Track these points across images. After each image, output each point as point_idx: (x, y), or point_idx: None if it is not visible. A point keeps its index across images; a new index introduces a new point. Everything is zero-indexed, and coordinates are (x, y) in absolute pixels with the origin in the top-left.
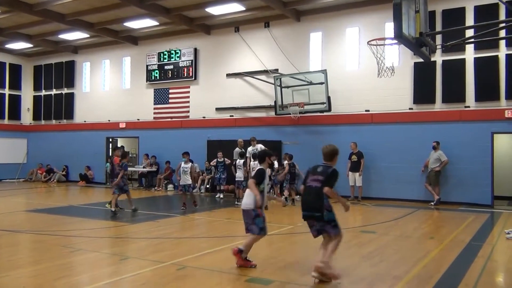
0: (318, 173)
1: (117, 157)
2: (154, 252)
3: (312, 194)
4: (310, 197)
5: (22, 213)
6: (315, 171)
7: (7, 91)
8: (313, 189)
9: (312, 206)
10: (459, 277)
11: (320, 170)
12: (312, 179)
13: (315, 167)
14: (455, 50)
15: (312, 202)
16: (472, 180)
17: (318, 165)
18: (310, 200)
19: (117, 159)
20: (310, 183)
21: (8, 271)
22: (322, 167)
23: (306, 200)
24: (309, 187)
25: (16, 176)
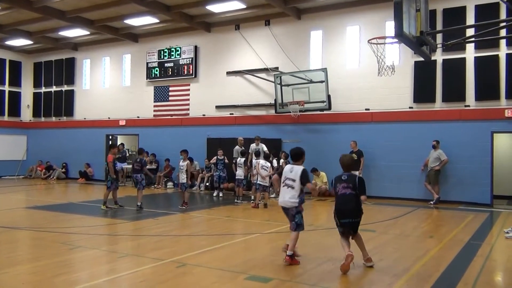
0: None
1: (112, 155)
2: (153, 250)
3: (348, 201)
4: (348, 204)
5: (21, 210)
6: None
7: (7, 88)
8: (347, 196)
9: (353, 213)
10: (458, 276)
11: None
12: (343, 186)
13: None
14: (456, 49)
15: (351, 209)
16: (471, 179)
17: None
18: (349, 208)
19: (111, 157)
20: (343, 191)
21: (7, 267)
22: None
23: (345, 208)
24: (343, 195)
25: (16, 173)
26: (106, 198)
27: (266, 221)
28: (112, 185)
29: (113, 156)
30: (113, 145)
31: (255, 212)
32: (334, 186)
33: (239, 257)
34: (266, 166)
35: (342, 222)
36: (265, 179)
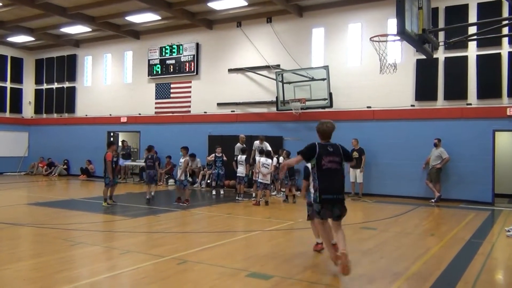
0: (332, 153)
1: (111, 153)
2: (154, 247)
3: (338, 177)
4: (337, 182)
5: (23, 206)
6: (328, 150)
7: (8, 84)
8: (336, 172)
9: (340, 189)
10: (459, 274)
11: (332, 149)
12: (328, 160)
13: (324, 146)
14: (458, 47)
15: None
16: (473, 177)
17: (326, 144)
18: (339, 185)
19: (110, 155)
20: (328, 165)
21: (9, 264)
22: (332, 145)
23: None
24: (329, 169)
25: (17, 169)
26: (105, 195)
27: (267, 218)
28: (110, 182)
29: (112, 154)
30: (112, 142)
31: (256, 210)
32: (318, 158)
33: (240, 254)
34: (267, 164)
35: (329, 198)
36: (266, 177)
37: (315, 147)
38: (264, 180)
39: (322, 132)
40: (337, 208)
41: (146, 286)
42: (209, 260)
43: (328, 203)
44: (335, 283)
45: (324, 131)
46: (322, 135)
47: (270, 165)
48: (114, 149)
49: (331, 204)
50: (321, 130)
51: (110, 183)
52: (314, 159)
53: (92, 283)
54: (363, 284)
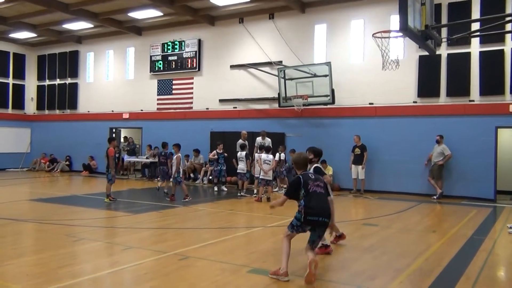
0: (316, 179)
1: (113, 148)
2: (156, 242)
3: (324, 200)
4: (324, 203)
5: (25, 202)
6: (310, 177)
7: (10, 81)
8: (322, 195)
9: (328, 213)
10: (461, 271)
11: (315, 176)
12: (315, 184)
13: (307, 174)
14: (461, 44)
15: (327, 208)
16: (475, 174)
17: (307, 172)
18: (326, 207)
19: (112, 151)
20: (315, 189)
21: (12, 259)
22: (312, 174)
23: (322, 206)
24: (316, 192)
25: (20, 165)
26: (108, 191)
27: (269, 214)
28: (113, 178)
29: (114, 149)
30: (113, 138)
31: (258, 206)
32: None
33: (242, 251)
34: (268, 160)
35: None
36: (267, 173)
37: (299, 179)
38: (266, 177)
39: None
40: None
41: (148, 281)
42: (211, 256)
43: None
44: (337, 279)
45: (302, 160)
46: (299, 165)
47: (271, 161)
48: (115, 145)
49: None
50: (298, 160)
51: (114, 179)
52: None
53: (95, 279)
54: (365, 280)
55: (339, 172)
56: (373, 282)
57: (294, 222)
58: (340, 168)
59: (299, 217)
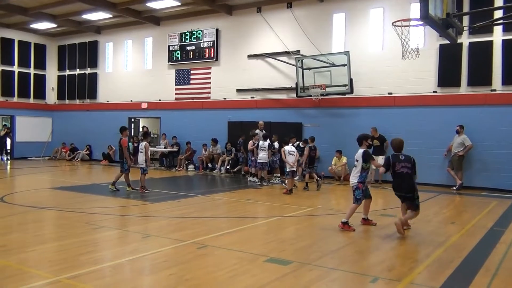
0: (404, 161)
1: (125, 138)
2: (175, 231)
3: (407, 179)
4: (404, 182)
5: (47, 190)
6: (399, 159)
7: (32, 71)
8: (405, 175)
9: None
10: (480, 262)
11: (404, 158)
12: (401, 166)
13: (397, 156)
14: (483, 32)
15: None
16: (496, 165)
17: (398, 154)
18: (406, 184)
19: (125, 141)
20: (401, 170)
21: (35, 246)
22: (404, 155)
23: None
24: (401, 173)
25: (42, 154)
26: (128, 180)
27: (286, 204)
28: (129, 168)
29: (127, 139)
30: (125, 127)
31: (275, 196)
32: (393, 165)
33: (259, 240)
34: (292, 152)
35: (397, 194)
36: (292, 165)
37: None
38: (292, 168)
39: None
40: None
41: (167, 269)
42: (229, 245)
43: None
44: (355, 269)
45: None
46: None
47: (295, 152)
48: (127, 134)
49: None
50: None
51: (129, 169)
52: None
53: (115, 266)
54: (382, 270)
55: None
56: (391, 273)
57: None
58: None
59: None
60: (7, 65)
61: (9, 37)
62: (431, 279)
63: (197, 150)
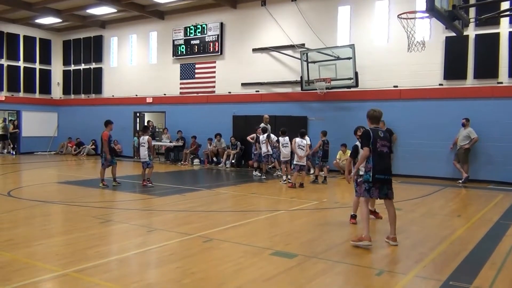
0: (384, 138)
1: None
2: (180, 225)
3: (387, 158)
4: (387, 161)
5: (54, 184)
6: (379, 135)
7: (37, 66)
8: (385, 154)
9: (390, 170)
10: (486, 256)
11: (383, 135)
12: (381, 144)
13: (376, 131)
14: (489, 24)
15: (389, 166)
16: (502, 158)
17: (377, 129)
18: (388, 164)
19: (107, 134)
20: (381, 148)
21: (42, 239)
22: (382, 131)
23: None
24: (382, 152)
25: (48, 149)
26: (102, 175)
27: (291, 198)
28: (106, 162)
29: (108, 133)
30: (109, 121)
31: (281, 190)
32: (373, 142)
33: (265, 233)
34: (302, 145)
35: (379, 178)
36: (302, 159)
37: (369, 132)
38: (300, 162)
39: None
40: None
41: (173, 262)
42: (234, 239)
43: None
44: (360, 262)
45: (375, 116)
46: (372, 119)
47: (305, 146)
48: (111, 128)
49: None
50: (372, 115)
51: (106, 164)
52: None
53: (122, 259)
54: (388, 264)
55: None
56: (396, 266)
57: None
58: None
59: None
60: (13, 60)
61: (14, 32)
62: (436, 272)
63: (202, 144)
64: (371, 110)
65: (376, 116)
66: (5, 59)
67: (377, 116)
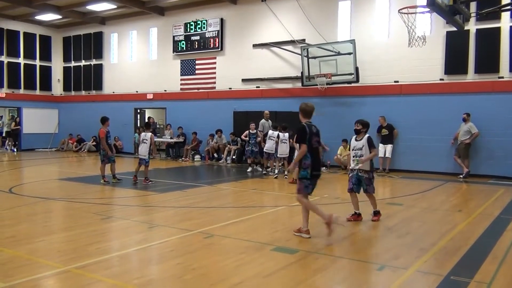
0: (316, 134)
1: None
2: (181, 221)
3: (319, 153)
4: (319, 157)
5: (55, 181)
6: (313, 131)
7: (38, 63)
8: (318, 150)
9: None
10: (487, 250)
11: (315, 130)
12: (315, 140)
13: (310, 126)
14: (490, 18)
15: (320, 161)
16: (503, 152)
17: (311, 124)
18: (320, 160)
19: (103, 132)
20: (316, 144)
21: (44, 236)
22: (314, 127)
23: (319, 160)
24: (316, 148)
25: (49, 145)
26: (102, 172)
27: (292, 194)
28: (105, 159)
29: (105, 130)
30: (106, 118)
31: (281, 185)
32: (309, 138)
33: (266, 229)
34: (285, 139)
35: (317, 175)
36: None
37: (306, 128)
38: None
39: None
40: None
41: (174, 259)
42: (235, 235)
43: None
44: (361, 257)
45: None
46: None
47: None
48: (107, 125)
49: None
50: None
51: (106, 160)
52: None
53: (123, 255)
54: (389, 259)
55: None
56: (397, 261)
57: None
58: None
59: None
60: (13, 57)
61: (14, 29)
62: (437, 267)
63: (203, 140)
64: (303, 104)
65: (309, 111)
66: (5, 56)
67: (310, 111)
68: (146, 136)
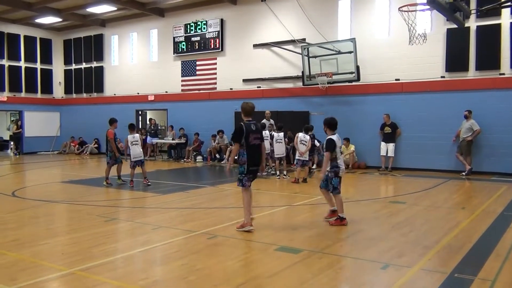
0: (256, 131)
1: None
2: (185, 222)
3: (259, 149)
4: (259, 153)
5: (57, 184)
6: (252, 129)
7: (38, 66)
8: (257, 146)
9: (261, 160)
10: (491, 247)
11: (255, 128)
12: (254, 137)
13: (249, 125)
14: (491, 15)
15: (261, 156)
16: (505, 149)
17: (250, 123)
18: (260, 155)
19: (112, 133)
20: (254, 142)
21: (47, 239)
22: (254, 125)
23: (258, 156)
24: (254, 145)
25: (51, 148)
26: (107, 174)
27: (295, 193)
28: (111, 161)
29: (113, 131)
30: (114, 119)
31: (284, 185)
32: (246, 136)
33: (269, 229)
34: (304, 141)
35: (255, 170)
36: (302, 154)
37: (242, 127)
38: (302, 157)
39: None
40: None
41: (179, 259)
42: (239, 235)
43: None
44: (364, 256)
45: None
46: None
47: (308, 141)
48: (115, 126)
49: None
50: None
51: (111, 162)
52: (243, 138)
53: (127, 257)
54: (392, 257)
55: (365, 149)
56: (401, 259)
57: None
58: (366, 146)
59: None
60: (14, 60)
61: (15, 32)
62: (441, 264)
63: (204, 141)
64: (244, 103)
65: (249, 110)
66: (6, 59)
67: (250, 110)
68: (135, 137)
